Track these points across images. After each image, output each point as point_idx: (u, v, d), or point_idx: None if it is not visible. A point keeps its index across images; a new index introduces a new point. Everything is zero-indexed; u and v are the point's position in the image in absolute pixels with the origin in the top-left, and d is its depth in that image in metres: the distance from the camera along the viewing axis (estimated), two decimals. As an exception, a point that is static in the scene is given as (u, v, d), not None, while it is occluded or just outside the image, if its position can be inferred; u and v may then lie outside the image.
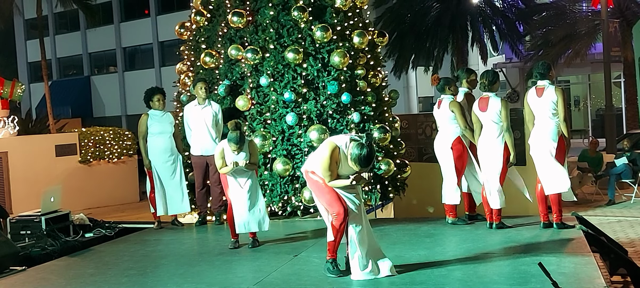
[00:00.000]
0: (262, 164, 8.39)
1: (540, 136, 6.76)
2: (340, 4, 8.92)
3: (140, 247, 7.27)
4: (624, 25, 21.91)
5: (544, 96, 6.73)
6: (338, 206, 5.21)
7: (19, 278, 6.03)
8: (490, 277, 5.17)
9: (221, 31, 9.04)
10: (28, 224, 7.32)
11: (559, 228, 6.73)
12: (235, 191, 6.55)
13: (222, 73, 8.87)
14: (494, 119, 6.79)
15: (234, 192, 6.55)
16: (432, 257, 5.93)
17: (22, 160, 12.99)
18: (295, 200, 8.33)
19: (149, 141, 8.08)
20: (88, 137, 14.59)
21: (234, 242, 6.79)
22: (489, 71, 7.15)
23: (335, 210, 5.22)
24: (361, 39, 8.91)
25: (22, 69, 42.06)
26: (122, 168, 15.32)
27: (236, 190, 6.55)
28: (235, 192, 6.55)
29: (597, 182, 13.94)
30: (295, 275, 5.58)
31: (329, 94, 8.47)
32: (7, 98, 13.29)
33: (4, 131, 12.88)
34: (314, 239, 6.97)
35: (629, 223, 10.99)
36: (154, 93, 8.16)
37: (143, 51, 38.02)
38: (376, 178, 8.56)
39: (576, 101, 32.01)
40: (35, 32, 34.53)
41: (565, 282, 4.66)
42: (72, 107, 35.56)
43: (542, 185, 6.80)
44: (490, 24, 26.04)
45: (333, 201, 5.24)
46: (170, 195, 8.10)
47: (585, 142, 25.38)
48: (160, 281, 5.75)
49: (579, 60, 22.99)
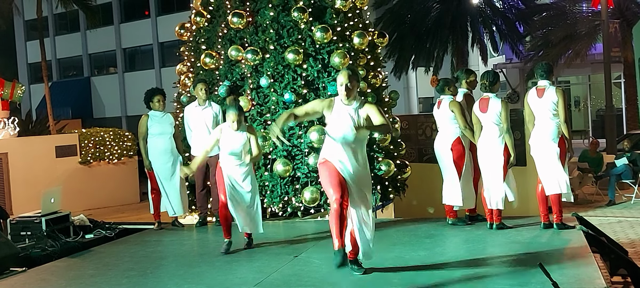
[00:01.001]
0: (262, 165, 8.39)
1: (541, 137, 6.77)
2: (341, 4, 8.93)
3: (140, 247, 7.27)
4: (624, 26, 21.91)
5: (545, 97, 6.73)
6: (332, 192, 5.17)
7: (19, 279, 6.02)
8: (490, 278, 5.16)
9: (221, 32, 9.04)
10: (28, 225, 7.32)
11: (560, 228, 6.73)
12: (232, 189, 6.50)
13: (222, 74, 8.87)
14: (494, 120, 6.79)
15: (232, 190, 6.50)
16: (432, 257, 5.93)
17: (22, 161, 12.99)
18: (295, 201, 8.33)
19: (149, 142, 8.08)
20: (88, 138, 14.60)
21: (228, 243, 6.66)
22: (489, 72, 7.15)
23: (329, 196, 5.22)
24: (361, 40, 8.92)
25: (22, 70, 42.07)
26: (122, 169, 15.33)
27: (234, 189, 6.50)
28: (232, 190, 6.50)
29: (598, 183, 13.95)
30: (296, 276, 5.57)
31: (329, 94, 8.47)
32: (7, 99, 13.31)
33: (4, 132, 12.89)
34: (314, 240, 6.96)
35: (629, 223, 10.99)
36: (154, 94, 8.16)
37: (143, 52, 38.01)
38: (376, 179, 8.56)
39: (576, 102, 32.01)
40: (35, 33, 34.57)
41: (565, 283, 4.66)
42: (72, 108, 35.55)
43: (543, 186, 6.80)
44: (490, 25, 26.03)
45: (327, 186, 5.23)
46: (170, 196, 8.09)
47: (585, 142, 25.40)
48: (160, 282, 5.75)
49: (579, 60, 22.98)
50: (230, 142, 6.45)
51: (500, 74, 23.85)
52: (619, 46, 22.10)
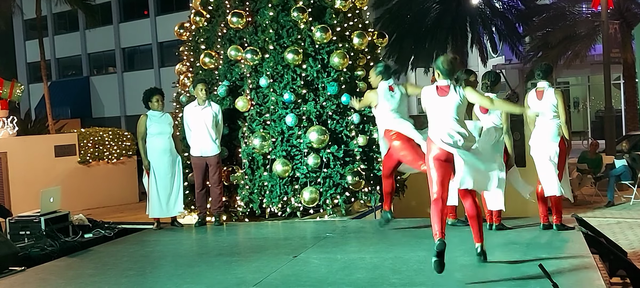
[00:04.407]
0: (261, 165, 8.39)
1: (541, 137, 6.77)
2: (340, 5, 8.92)
3: (139, 247, 7.27)
4: (623, 27, 21.93)
5: (544, 99, 6.74)
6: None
7: (18, 279, 6.02)
8: (489, 278, 5.16)
9: (220, 32, 9.03)
10: (27, 224, 7.30)
11: (559, 229, 6.73)
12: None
13: (222, 74, 8.86)
14: (495, 121, 6.79)
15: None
16: (431, 258, 5.91)
17: (22, 160, 12.97)
18: (294, 201, 8.32)
19: (148, 142, 8.07)
20: (87, 138, 14.57)
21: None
22: (490, 72, 7.17)
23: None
24: (361, 40, 8.91)
25: (21, 70, 42.03)
26: (121, 169, 15.30)
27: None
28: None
29: (597, 184, 13.95)
30: (295, 276, 5.57)
31: (329, 94, 8.47)
32: (6, 98, 13.28)
33: (3, 131, 12.87)
34: (314, 240, 6.96)
35: (628, 224, 10.99)
36: (153, 94, 8.15)
37: (142, 52, 38.01)
38: (375, 180, 8.55)
39: (576, 103, 32.02)
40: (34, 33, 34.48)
41: (564, 284, 4.65)
42: (71, 107, 35.55)
43: (543, 187, 6.80)
44: (489, 25, 26.04)
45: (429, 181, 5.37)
46: (168, 197, 8.08)
47: (584, 143, 25.40)
48: (159, 282, 5.74)
49: (578, 61, 22.99)
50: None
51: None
52: (618, 47, 22.12)
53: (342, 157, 8.36)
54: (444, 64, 5.40)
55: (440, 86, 5.37)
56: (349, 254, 6.30)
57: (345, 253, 6.30)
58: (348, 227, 7.78)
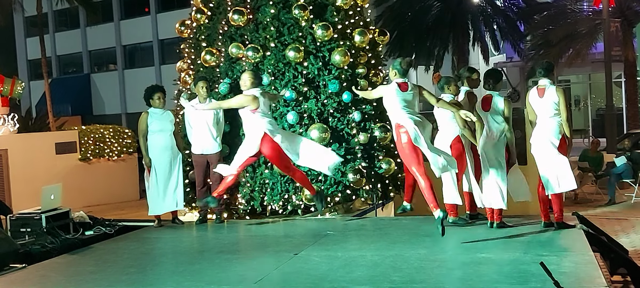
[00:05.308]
0: (262, 163, 8.38)
1: (542, 135, 6.75)
2: (341, 2, 8.91)
3: (140, 245, 7.27)
4: (625, 25, 21.91)
5: (546, 96, 6.72)
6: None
7: (19, 276, 6.02)
8: (490, 276, 5.16)
9: (222, 29, 9.02)
10: (28, 222, 7.30)
11: (560, 227, 6.72)
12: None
13: (223, 71, 8.86)
14: (497, 119, 6.79)
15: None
16: (432, 256, 5.93)
17: (22, 157, 12.99)
18: (295, 199, 8.32)
19: (149, 139, 8.07)
20: (88, 135, 14.60)
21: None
22: (493, 69, 7.16)
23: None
24: (362, 38, 8.90)
25: (22, 67, 42.02)
26: (122, 166, 15.33)
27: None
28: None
29: (598, 182, 13.95)
30: (295, 274, 5.57)
31: (330, 92, 8.46)
32: (7, 95, 13.31)
33: (4, 129, 12.89)
34: (314, 238, 6.96)
35: (629, 222, 11.00)
36: (154, 91, 8.14)
37: (143, 49, 37.96)
38: (377, 177, 8.55)
39: (577, 101, 31.99)
40: (35, 30, 34.50)
41: (565, 282, 4.64)
42: (72, 104, 35.52)
43: (544, 185, 6.79)
44: (491, 23, 26.01)
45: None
46: (168, 194, 8.08)
47: (585, 141, 25.39)
48: (159, 279, 5.74)
49: (579, 59, 22.97)
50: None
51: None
52: (619, 45, 22.09)
53: (343, 154, 8.35)
54: (403, 65, 6.65)
55: (400, 83, 6.61)
56: (350, 252, 6.30)
57: (346, 251, 6.30)
58: (349, 224, 7.78)
